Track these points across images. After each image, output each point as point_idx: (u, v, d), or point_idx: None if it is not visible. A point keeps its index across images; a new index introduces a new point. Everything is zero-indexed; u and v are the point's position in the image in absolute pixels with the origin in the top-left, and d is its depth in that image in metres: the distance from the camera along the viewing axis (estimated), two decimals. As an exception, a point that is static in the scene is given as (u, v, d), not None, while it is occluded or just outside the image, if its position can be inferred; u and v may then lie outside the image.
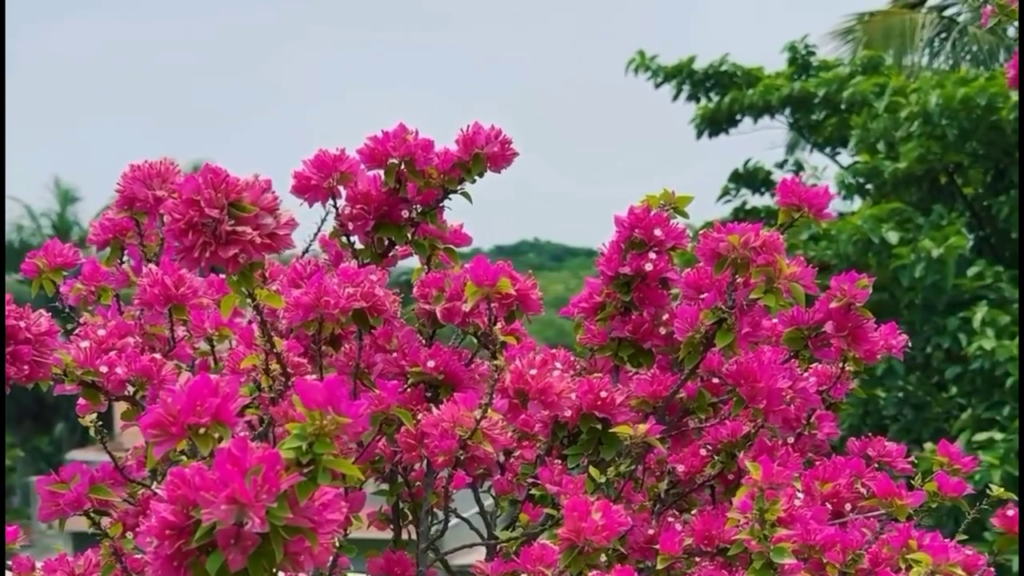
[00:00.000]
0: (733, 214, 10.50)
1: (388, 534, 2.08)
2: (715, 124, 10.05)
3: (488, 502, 2.02)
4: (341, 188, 1.74)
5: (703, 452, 1.99)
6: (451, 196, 1.79)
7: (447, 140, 1.79)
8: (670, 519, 1.91)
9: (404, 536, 2.04)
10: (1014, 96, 8.05)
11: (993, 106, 8.29)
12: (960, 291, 8.57)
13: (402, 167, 1.72)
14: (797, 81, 9.78)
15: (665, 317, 1.91)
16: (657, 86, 10.01)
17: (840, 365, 2.05)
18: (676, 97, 10.07)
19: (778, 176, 10.59)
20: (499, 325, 1.74)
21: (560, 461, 1.89)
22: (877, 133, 8.93)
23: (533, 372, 1.63)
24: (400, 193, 1.74)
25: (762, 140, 11.01)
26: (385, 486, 1.99)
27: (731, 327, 1.75)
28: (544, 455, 1.93)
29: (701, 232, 1.75)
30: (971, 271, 8.61)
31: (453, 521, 2.03)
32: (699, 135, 10.17)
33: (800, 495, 1.67)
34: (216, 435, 1.10)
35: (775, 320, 1.98)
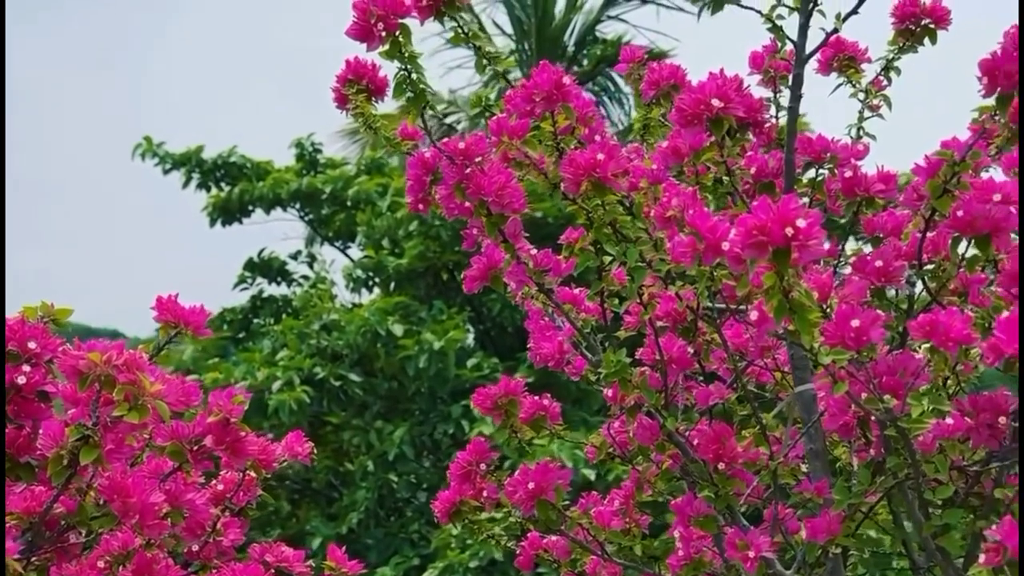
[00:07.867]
0: (251, 302, 10.51)
1: None
2: (228, 213, 10.04)
3: None
4: None
5: (101, 564, 1.97)
6: None
7: None
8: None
9: None
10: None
11: (483, 210, 8.85)
12: (462, 380, 9.03)
13: None
14: (305, 177, 9.98)
15: (44, 431, 1.87)
16: (166, 172, 9.88)
17: (242, 473, 2.12)
18: (186, 185, 9.97)
19: (293, 267, 10.74)
20: None
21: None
22: (381, 230, 9.28)
23: None
24: None
25: (281, 231, 11.08)
26: None
27: (96, 444, 1.74)
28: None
29: (61, 347, 1.73)
30: (471, 362, 9.12)
31: None
32: (212, 223, 10.11)
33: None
34: None
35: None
